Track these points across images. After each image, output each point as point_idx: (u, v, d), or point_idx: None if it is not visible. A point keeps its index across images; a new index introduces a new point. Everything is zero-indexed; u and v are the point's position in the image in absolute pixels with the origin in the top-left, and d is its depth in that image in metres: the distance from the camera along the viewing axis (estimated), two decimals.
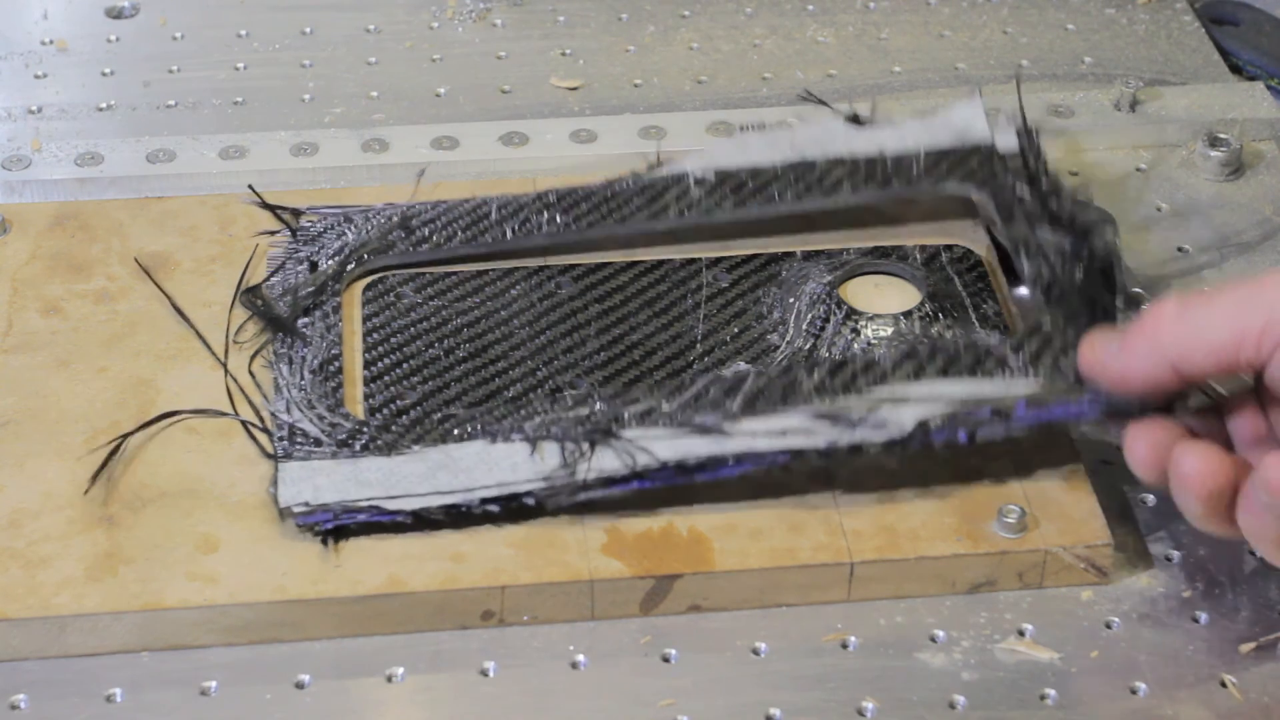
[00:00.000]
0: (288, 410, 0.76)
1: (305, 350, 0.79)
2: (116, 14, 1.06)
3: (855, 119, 0.87)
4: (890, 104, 0.97)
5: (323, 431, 0.75)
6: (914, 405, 0.74)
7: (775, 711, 0.70)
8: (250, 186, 0.86)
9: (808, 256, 0.85)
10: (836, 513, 0.75)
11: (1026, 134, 0.85)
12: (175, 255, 0.86)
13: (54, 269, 0.85)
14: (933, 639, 0.73)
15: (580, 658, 0.72)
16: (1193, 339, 0.70)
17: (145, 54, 1.03)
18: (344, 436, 0.75)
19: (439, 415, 0.76)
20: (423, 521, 0.73)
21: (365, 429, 0.75)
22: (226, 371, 0.79)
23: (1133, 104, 0.97)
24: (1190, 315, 0.70)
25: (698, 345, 0.81)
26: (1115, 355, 0.72)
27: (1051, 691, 0.71)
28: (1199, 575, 0.76)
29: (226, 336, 0.80)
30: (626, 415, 0.74)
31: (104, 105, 0.99)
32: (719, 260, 0.85)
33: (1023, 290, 0.81)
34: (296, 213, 0.85)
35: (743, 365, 0.80)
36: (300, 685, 0.71)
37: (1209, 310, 0.70)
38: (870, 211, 0.86)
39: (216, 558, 0.73)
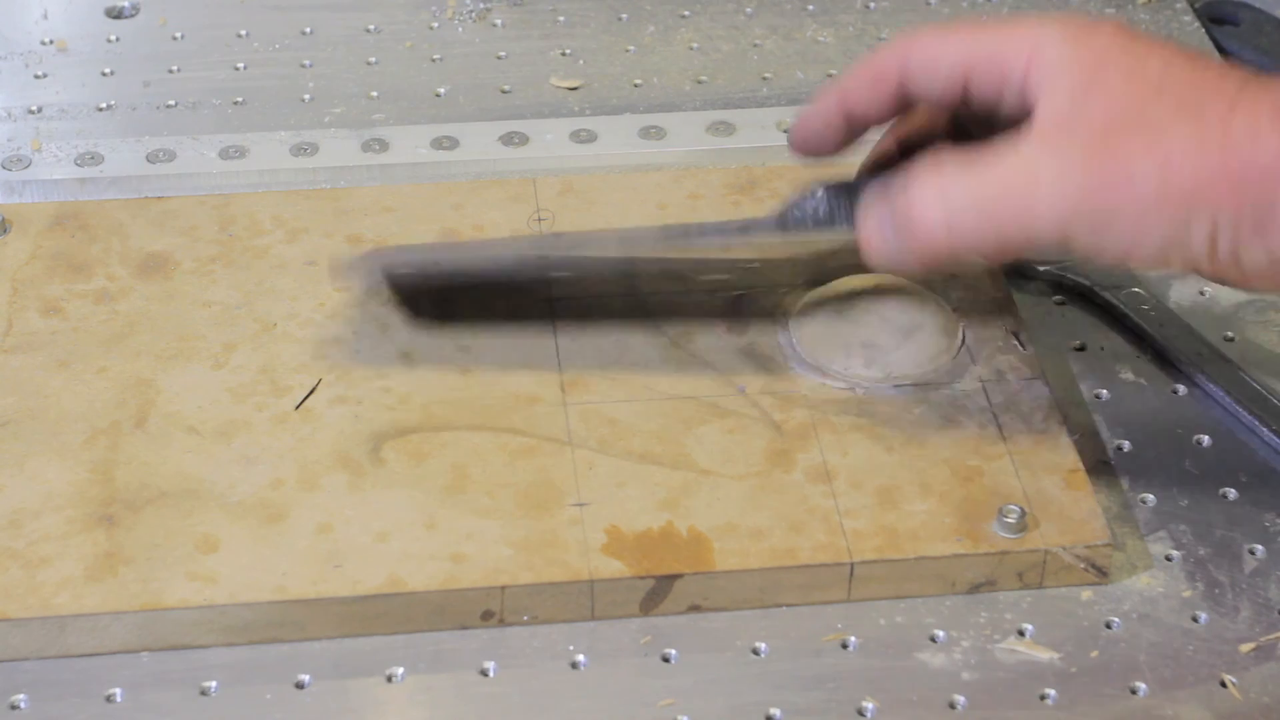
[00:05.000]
0: None
1: None
2: (116, 14, 1.06)
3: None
4: None
5: None
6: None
7: (775, 711, 0.70)
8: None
9: None
10: (836, 513, 0.75)
11: None
12: (175, 255, 0.86)
13: (54, 269, 0.85)
14: (933, 639, 0.73)
15: (580, 658, 0.72)
16: (964, 242, 0.71)
17: (145, 54, 1.03)
18: None
19: None
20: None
21: None
22: None
23: None
24: (957, 221, 0.71)
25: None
26: (885, 250, 0.73)
27: (1051, 691, 0.71)
28: (1199, 575, 0.76)
29: None
30: None
31: (104, 105, 0.99)
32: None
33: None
34: None
35: None
36: (300, 685, 0.71)
37: (978, 207, 0.70)
38: None
39: (216, 558, 0.73)
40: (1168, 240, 0.68)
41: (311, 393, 0.80)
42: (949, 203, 0.70)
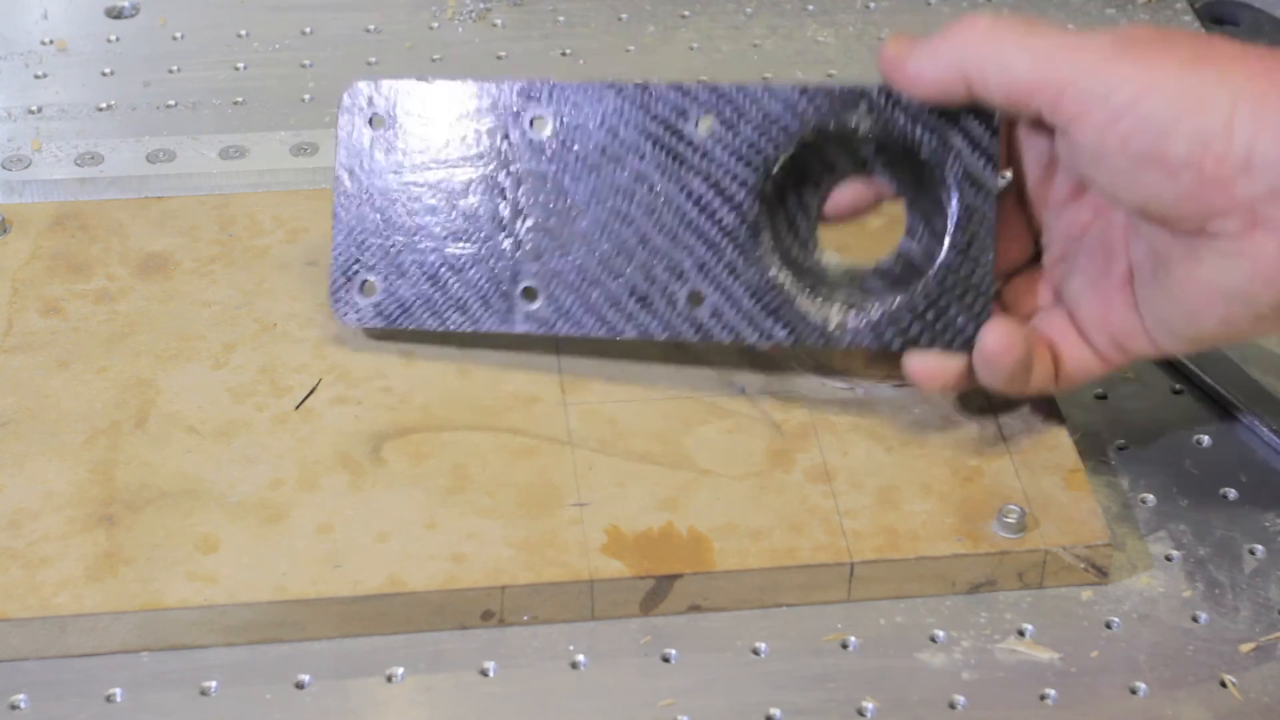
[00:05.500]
0: None
1: None
2: (116, 14, 1.06)
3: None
4: None
5: None
6: None
7: (775, 711, 0.70)
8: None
9: None
10: (836, 513, 0.75)
11: None
12: (175, 255, 0.86)
13: (54, 269, 0.85)
14: (933, 639, 0.73)
15: (580, 658, 0.72)
16: (995, 61, 0.71)
17: (145, 54, 1.03)
18: None
19: None
20: None
21: None
22: None
23: None
24: (1000, 39, 0.71)
25: None
26: (915, 53, 0.73)
27: (1051, 691, 0.71)
28: (1199, 575, 0.76)
29: None
30: None
31: (104, 105, 0.99)
32: None
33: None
34: None
35: None
36: (300, 685, 0.71)
37: (1022, 43, 0.71)
38: None
39: (216, 558, 0.73)
40: (1183, 98, 0.67)
41: (311, 393, 0.80)
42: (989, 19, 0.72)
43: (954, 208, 0.75)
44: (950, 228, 0.75)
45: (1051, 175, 0.75)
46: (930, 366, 0.76)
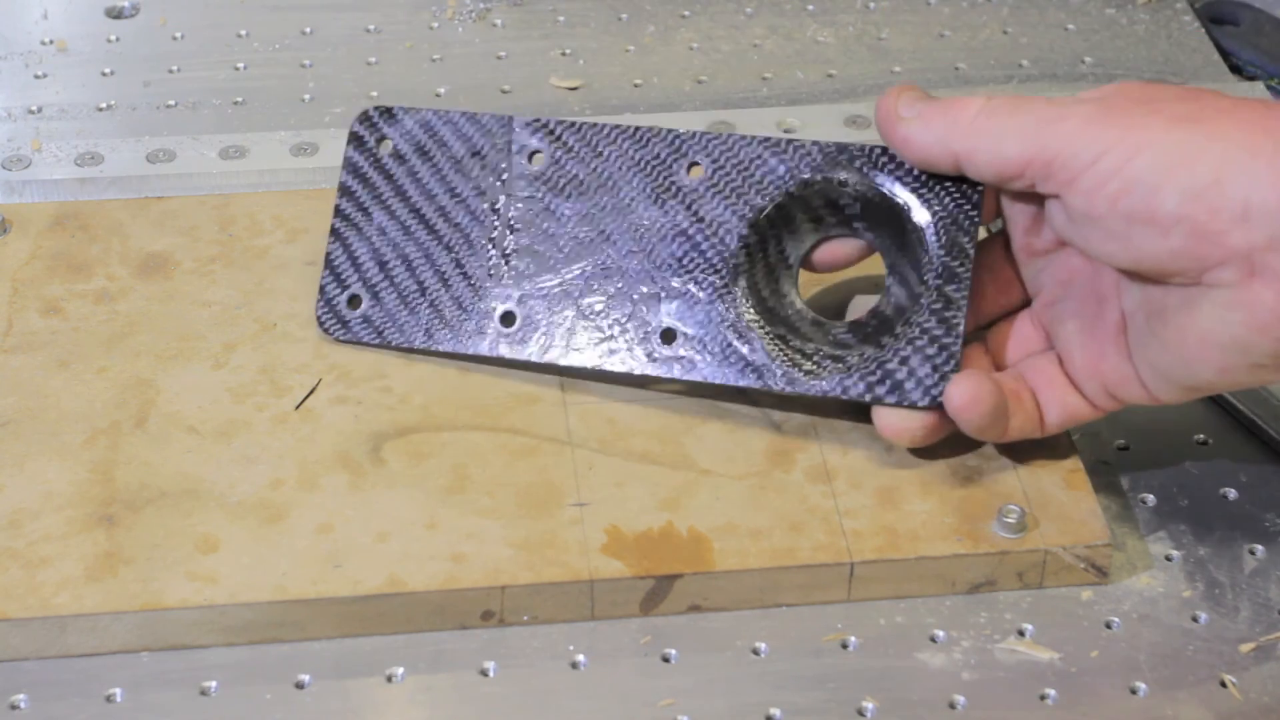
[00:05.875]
0: None
1: None
2: (116, 14, 1.06)
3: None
4: None
5: None
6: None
7: (775, 711, 0.70)
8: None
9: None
10: (836, 513, 0.75)
11: None
12: (175, 255, 0.86)
13: (54, 269, 0.85)
14: (933, 639, 0.73)
15: (580, 658, 0.72)
16: (983, 142, 0.72)
17: (145, 54, 1.03)
18: None
19: None
20: None
21: None
22: None
23: None
24: (991, 120, 0.72)
25: None
26: (910, 118, 0.74)
27: (1051, 691, 0.71)
28: (1199, 575, 0.76)
29: None
30: None
31: (104, 105, 0.99)
32: None
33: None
34: None
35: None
36: (300, 685, 0.71)
37: (1009, 121, 0.71)
38: None
39: (216, 558, 0.73)
40: (1171, 156, 0.67)
41: (311, 393, 0.80)
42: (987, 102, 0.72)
43: (932, 269, 0.76)
44: (927, 288, 0.76)
45: (1039, 225, 0.75)
46: (896, 422, 0.75)
